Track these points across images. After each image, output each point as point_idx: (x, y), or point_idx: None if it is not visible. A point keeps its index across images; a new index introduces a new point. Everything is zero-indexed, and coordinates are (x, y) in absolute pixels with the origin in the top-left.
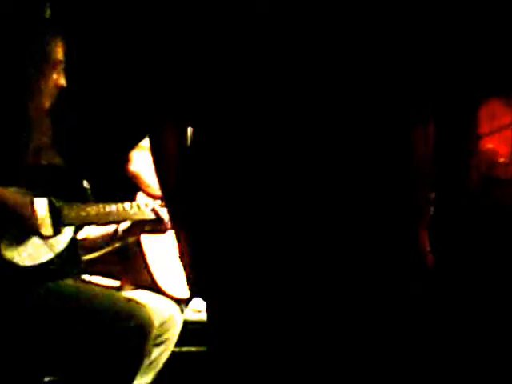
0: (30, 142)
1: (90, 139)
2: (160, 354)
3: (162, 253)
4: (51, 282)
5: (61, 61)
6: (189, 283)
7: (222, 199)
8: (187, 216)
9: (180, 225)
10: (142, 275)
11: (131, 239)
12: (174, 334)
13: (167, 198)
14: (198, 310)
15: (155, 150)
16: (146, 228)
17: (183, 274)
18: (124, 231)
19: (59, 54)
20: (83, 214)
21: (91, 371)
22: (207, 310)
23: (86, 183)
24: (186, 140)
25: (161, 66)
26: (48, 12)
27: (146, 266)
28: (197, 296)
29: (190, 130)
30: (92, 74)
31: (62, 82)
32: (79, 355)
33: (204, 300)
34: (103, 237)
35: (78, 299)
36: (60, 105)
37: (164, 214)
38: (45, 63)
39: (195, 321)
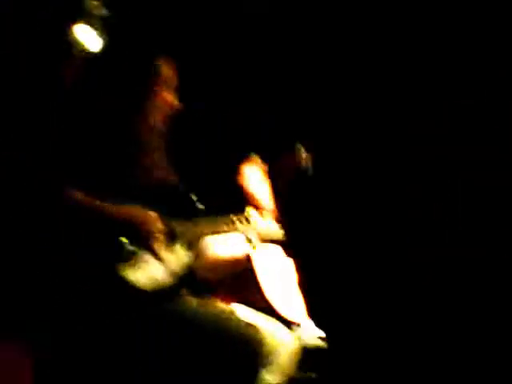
0: (141, 161)
1: (202, 154)
2: (272, 380)
3: (275, 274)
4: (168, 301)
5: (172, 79)
6: (308, 311)
7: (337, 221)
8: (303, 246)
9: (296, 253)
10: (255, 297)
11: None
12: (287, 359)
13: (284, 226)
14: (312, 334)
15: (273, 171)
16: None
17: (301, 299)
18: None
19: (170, 72)
20: (194, 228)
21: None
22: (326, 338)
23: (196, 199)
24: (303, 169)
25: (281, 87)
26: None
27: (260, 288)
28: (316, 325)
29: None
30: (205, 90)
31: (174, 101)
32: (193, 376)
33: (322, 330)
34: (224, 259)
35: (193, 319)
36: (172, 123)
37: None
38: (155, 82)
39: (309, 345)
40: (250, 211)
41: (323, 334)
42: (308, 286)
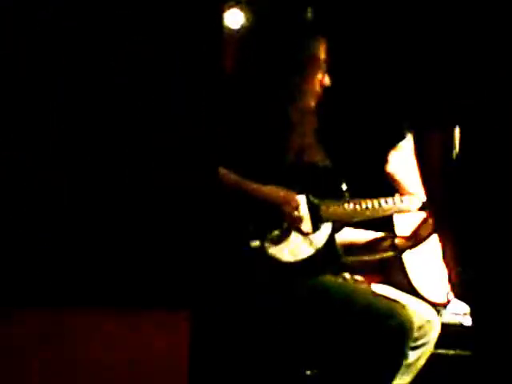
0: (291, 143)
1: (353, 138)
2: (418, 358)
3: (420, 255)
4: (312, 277)
5: (325, 61)
6: (453, 286)
7: (490, 202)
8: (454, 219)
9: (445, 228)
10: (398, 277)
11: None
12: (432, 337)
13: (432, 201)
14: (456, 313)
15: (420, 154)
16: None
17: (446, 276)
18: (391, 246)
19: (323, 54)
20: (340, 210)
21: (350, 368)
22: (472, 314)
23: (343, 182)
24: (453, 143)
25: (427, 67)
26: (310, 14)
27: (403, 267)
28: (460, 299)
29: (457, 132)
30: (354, 73)
31: (327, 81)
32: (338, 351)
33: (468, 304)
34: (368, 241)
35: (338, 295)
36: (325, 104)
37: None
38: (309, 64)
39: (454, 324)
40: (396, 197)
41: (468, 311)
42: (458, 261)
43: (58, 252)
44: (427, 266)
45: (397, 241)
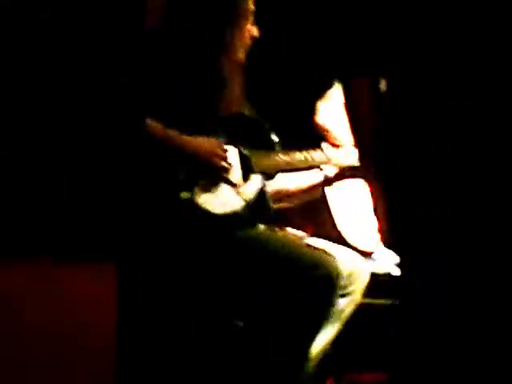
0: (221, 95)
1: (280, 90)
2: (346, 306)
3: (348, 203)
4: (242, 229)
5: (252, 11)
6: (382, 235)
7: (418, 151)
8: (383, 168)
9: (374, 177)
10: (327, 227)
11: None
12: (360, 286)
13: (361, 150)
14: (384, 261)
15: (349, 102)
16: (339, 176)
17: (375, 225)
18: (320, 182)
19: (251, 4)
20: (271, 162)
21: (278, 318)
22: (400, 263)
23: (273, 132)
24: (380, 90)
25: (357, 15)
26: None
27: (331, 217)
28: (390, 248)
29: (383, 81)
30: (285, 24)
31: (255, 32)
32: (267, 302)
33: (397, 253)
34: (296, 188)
35: (266, 246)
36: (253, 56)
37: (350, 161)
38: (239, 16)
39: (381, 273)
40: (325, 146)
41: (398, 261)
42: (388, 211)
43: None
44: (355, 214)
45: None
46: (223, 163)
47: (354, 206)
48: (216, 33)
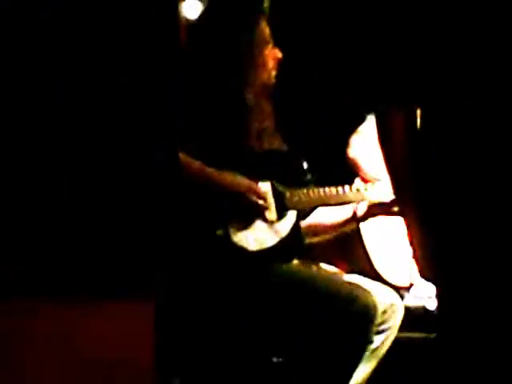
0: (250, 127)
1: (313, 123)
2: (382, 342)
3: (382, 238)
4: (277, 265)
5: (268, 34)
6: (419, 267)
7: (453, 184)
8: (418, 201)
9: (410, 210)
10: (360, 262)
11: (354, 226)
12: (396, 321)
13: (396, 183)
14: (419, 296)
15: (383, 134)
16: (372, 212)
17: (411, 259)
18: (353, 217)
19: (267, 32)
20: (305, 197)
21: (315, 354)
22: (437, 296)
23: (306, 167)
24: (416, 122)
25: (385, 45)
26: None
27: (365, 252)
28: (427, 280)
29: (419, 112)
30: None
31: (278, 54)
32: (303, 337)
33: (434, 284)
34: (331, 223)
35: (301, 282)
36: (281, 89)
37: (384, 197)
38: (257, 43)
39: (417, 307)
40: (358, 182)
41: (433, 295)
42: (425, 244)
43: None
44: (389, 249)
45: (358, 211)
46: (259, 201)
47: (388, 240)
48: (236, 60)
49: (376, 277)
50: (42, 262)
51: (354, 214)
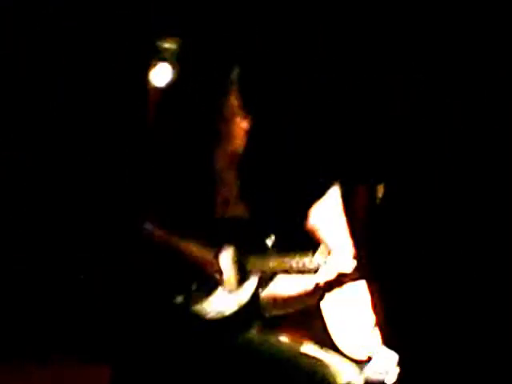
0: (216, 195)
1: (276, 193)
2: None
3: (341, 310)
4: (235, 334)
5: (238, 111)
6: (382, 334)
7: (415, 253)
8: (381, 269)
9: (372, 278)
10: (319, 334)
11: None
12: None
13: (359, 251)
14: (378, 372)
15: (348, 207)
16: (336, 282)
17: (372, 329)
18: (314, 289)
19: (236, 104)
20: (266, 266)
21: None
22: (399, 363)
23: (269, 235)
24: (376, 197)
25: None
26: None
27: (324, 325)
28: (391, 349)
29: (380, 188)
30: (276, 123)
31: (245, 125)
32: None
33: (396, 351)
34: (291, 294)
35: (261, 352)
36: (245, 156)
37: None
38: (225, 115)
39: (376, 382)
40: (321, 250)
41: (395, 364)
42: (387, 313)
43: None
44: (348, 321)
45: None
46: (216, 275)
47: (347, 313)
48: (204, 131)
49: (335, 350)
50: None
51: (317, 285)
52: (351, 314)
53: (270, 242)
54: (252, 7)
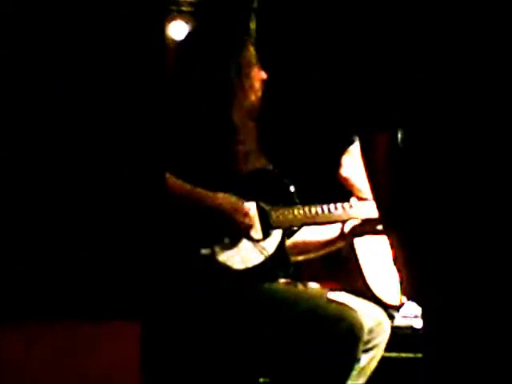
0: (237, 148)
1: (300, 143)
2: (369, 361)
3: (375, 257)
4: (262, 284)
5: (255, 62)
6: (403, 287)
7: (436, 202)
8: (401, 220)
9: (393, 229)
10: (354, 280)
11: (344, 244)
12: (383, 340)
13: (379, 202)
14: (408, 315)
15: (366, 155)
16: (359, 230)
17: (397, 278)
18: (340, 235)
19: (253, 54)
20: (291, 216)
21: (302, 374)
22: (423, 316)
23: (292, 186)
24: (397, 143)
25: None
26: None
27: (360, 270)
28: (412, 300)
29: (400, 133)
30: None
31: (263, 75)
32: (290, 357)
33: (419, 305)
34: (317, 241)
35: (288, 301)
36: (264, 109)
37: (371, 215)
38: (243, 65)
39: (405, 326)
40: (346, 204)
41: (419, 313)
42: (408, 265)
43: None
44: (381, 267)
45: (345, 229)
46: (244, 220)
47: (380, 259)
48: (223, 82)
49: (370, 295)
50: (27, 282)
51: (342, 232)
52: (384, 261)
53: (293, 192)
54: None
